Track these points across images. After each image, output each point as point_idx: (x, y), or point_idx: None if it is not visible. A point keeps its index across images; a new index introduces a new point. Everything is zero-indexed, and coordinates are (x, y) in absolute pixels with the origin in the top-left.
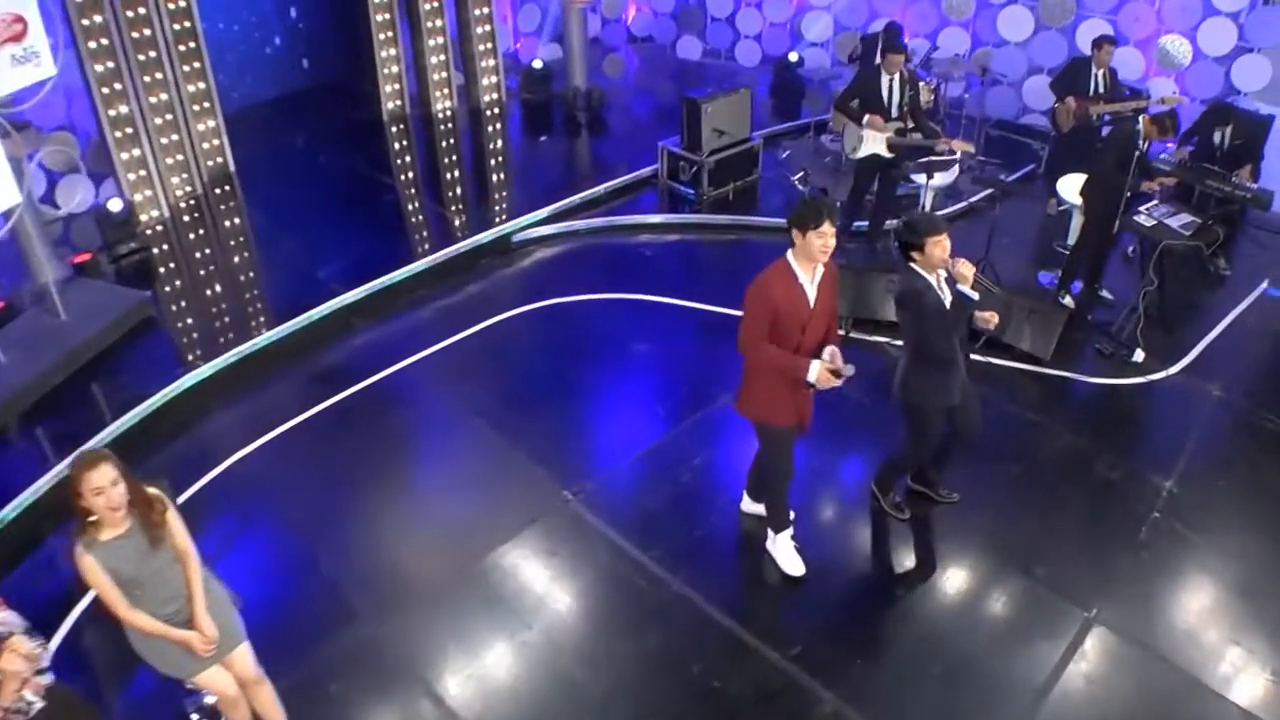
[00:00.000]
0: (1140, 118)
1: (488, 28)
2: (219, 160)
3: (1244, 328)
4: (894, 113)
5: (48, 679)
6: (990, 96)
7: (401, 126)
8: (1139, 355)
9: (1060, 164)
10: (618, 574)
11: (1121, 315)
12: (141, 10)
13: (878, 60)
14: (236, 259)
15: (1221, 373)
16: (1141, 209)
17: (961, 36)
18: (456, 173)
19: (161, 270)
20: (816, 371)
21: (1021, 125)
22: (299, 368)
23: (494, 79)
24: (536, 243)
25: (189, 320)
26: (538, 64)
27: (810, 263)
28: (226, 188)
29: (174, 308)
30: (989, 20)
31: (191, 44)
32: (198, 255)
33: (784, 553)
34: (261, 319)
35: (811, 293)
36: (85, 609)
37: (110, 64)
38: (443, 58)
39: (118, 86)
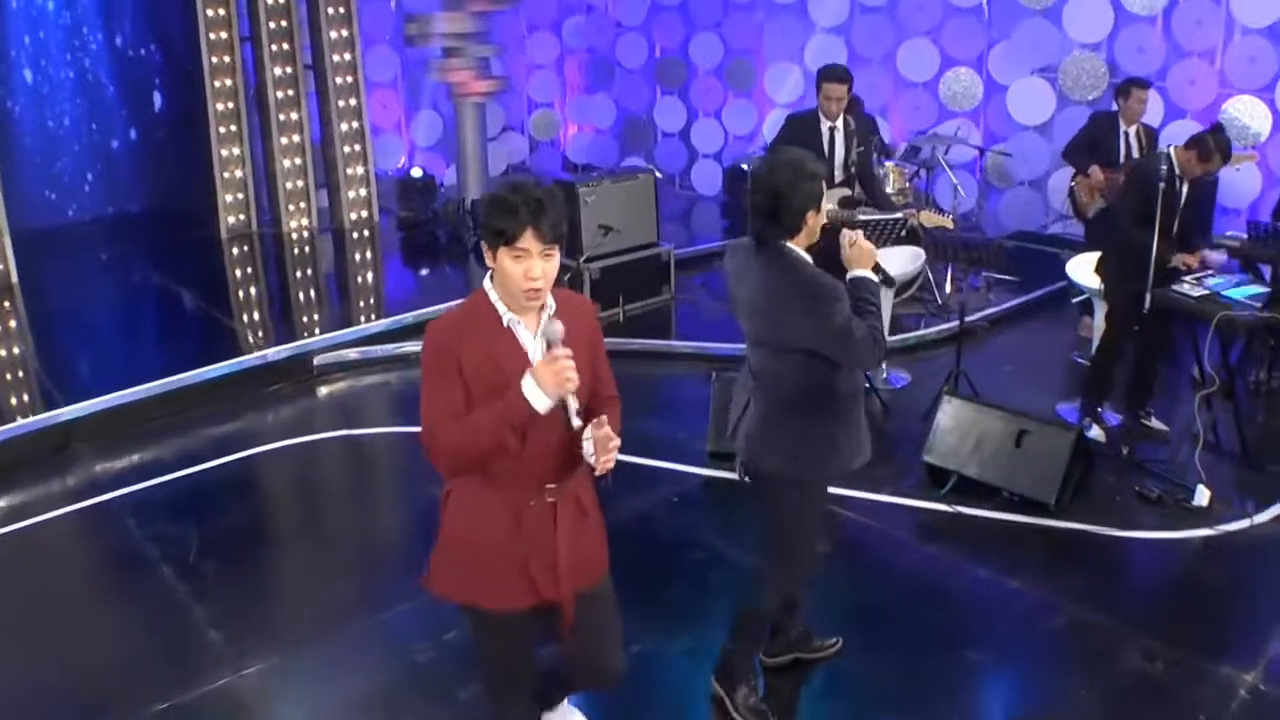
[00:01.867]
0: (1170, 148)
1: (355, 124)
2: None
3: None
4: (837, 175)
5: None
6: (1005, 202)
7: (245, 247)
8: (1202, 496)
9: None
10: None
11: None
12: None
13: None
14: None
15: None
16: (1187, 278)
17: (969, 131)
18: (287, 295)
19: None
20: (539, 393)
21: (1048, 236)
22: None
23: (363, 192)
24: (349, 368)
25: None
26: (416, 173)
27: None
28: (5, 303)
29: None
30: (1000, 106)
31: None
32: None
33: None
34: None
35: (536, 350)
36: None
37: None
38: (299, 162)
39: None
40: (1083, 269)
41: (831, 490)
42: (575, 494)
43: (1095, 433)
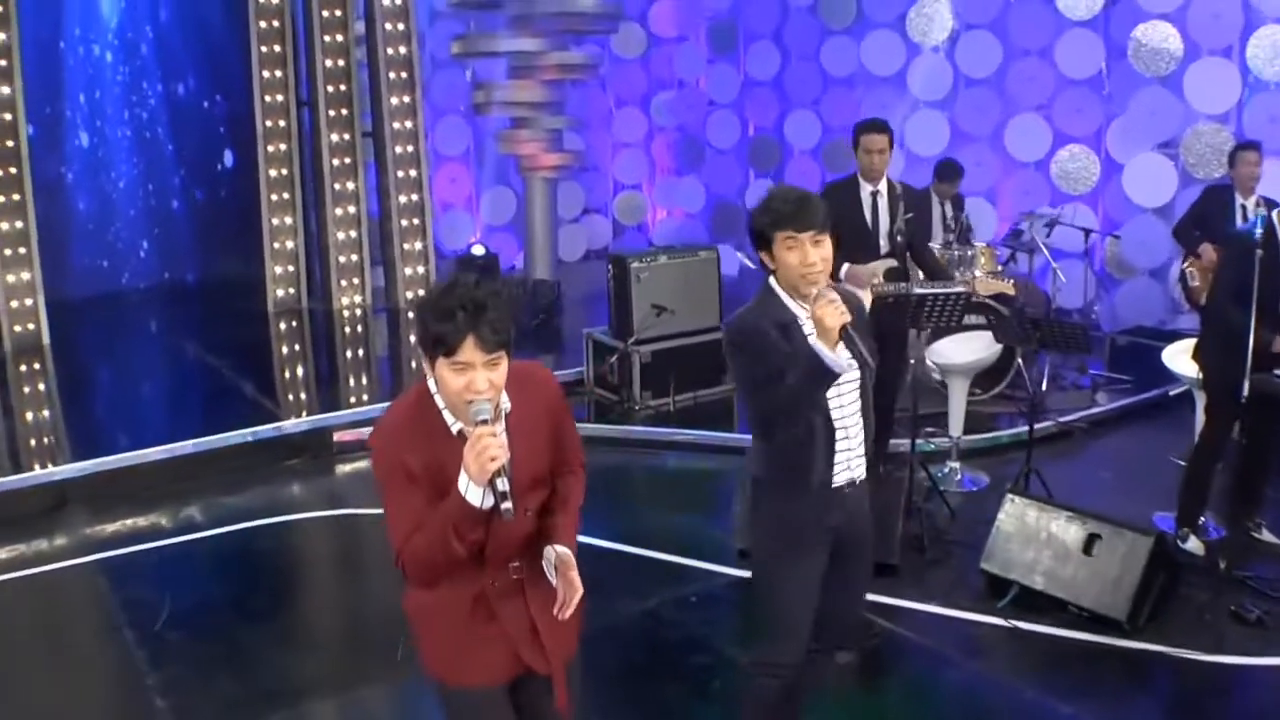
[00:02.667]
0: (1272, 212)
1: (415, 197)
2: (30, 326)
3: None
4: (883, 245)
5: None
6: (1123, 293)
7: (293, 322)
8: None
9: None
10: None
11: None
12: None
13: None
14: None
15: None
16: None
17: (1085, 215)
18: (334, 372)
19: None
20: (469, 482)
21: (1168, 331)
22: None
23: (421, 270)
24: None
25: None
26: (478, 250)
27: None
28: (35, 365)
29: None
30: (1117, 189)
31: (12, 169)
32: None
33: None
34: None
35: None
36: None
37: None
38: (353, 234)
39: None
40: (1180, 356)
41: (874, 598)
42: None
43: (1192, 545)
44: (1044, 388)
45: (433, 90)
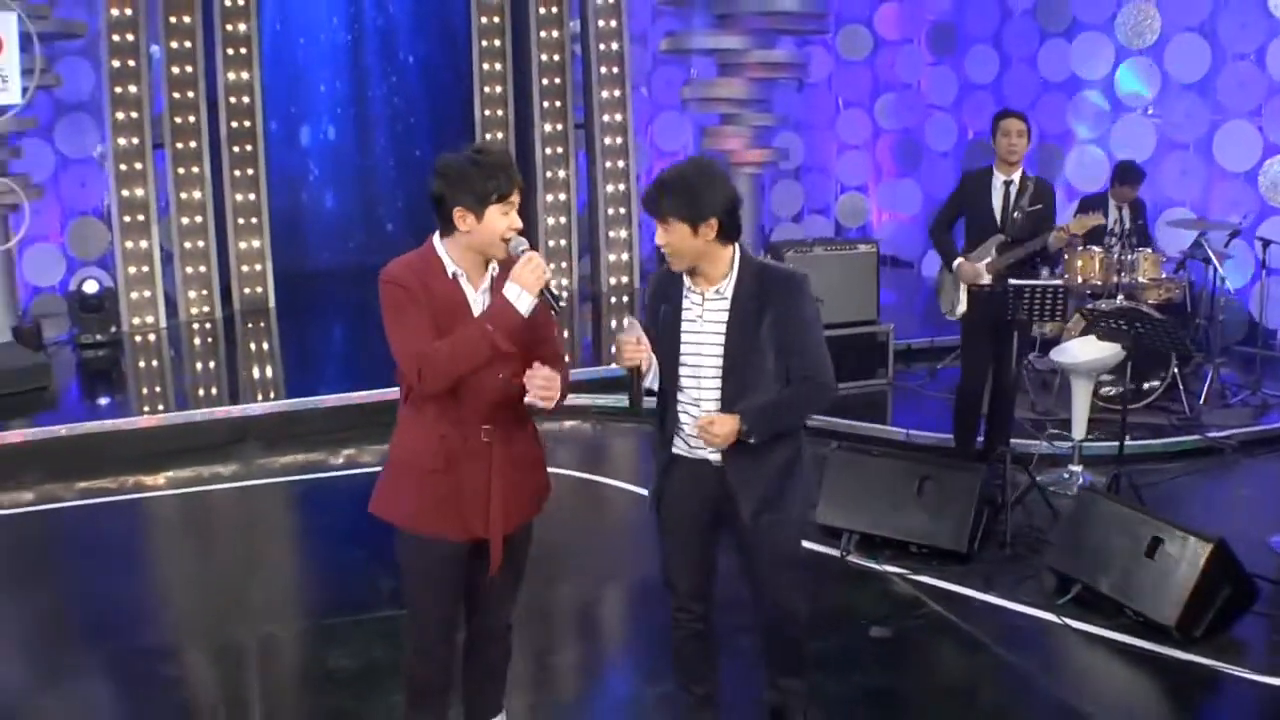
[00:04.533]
0: None
1: (622, 187)
2: (258, 290)
3: None
4: (1010, 233)
5: None
6: None
7: None
8: None
9: None
10: None
11: None
12: (190, 94)
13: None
14: (202, 391)
15: None
16: None
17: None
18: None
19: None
20: (521, 292)
21: None
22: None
23: (625, 257)
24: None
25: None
26: None
27: (480, 254)
28: (261, 324)
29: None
30: None
31: (248, 146)
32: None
33: None
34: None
35: (480, 304)
36: None
37: (135, 140)
38: (563, 220)
39: (138, 166)
40: None
41: (932, 581)
42: (515, 442)
43: None
44: (1202, 401)
45: (654, 86)
